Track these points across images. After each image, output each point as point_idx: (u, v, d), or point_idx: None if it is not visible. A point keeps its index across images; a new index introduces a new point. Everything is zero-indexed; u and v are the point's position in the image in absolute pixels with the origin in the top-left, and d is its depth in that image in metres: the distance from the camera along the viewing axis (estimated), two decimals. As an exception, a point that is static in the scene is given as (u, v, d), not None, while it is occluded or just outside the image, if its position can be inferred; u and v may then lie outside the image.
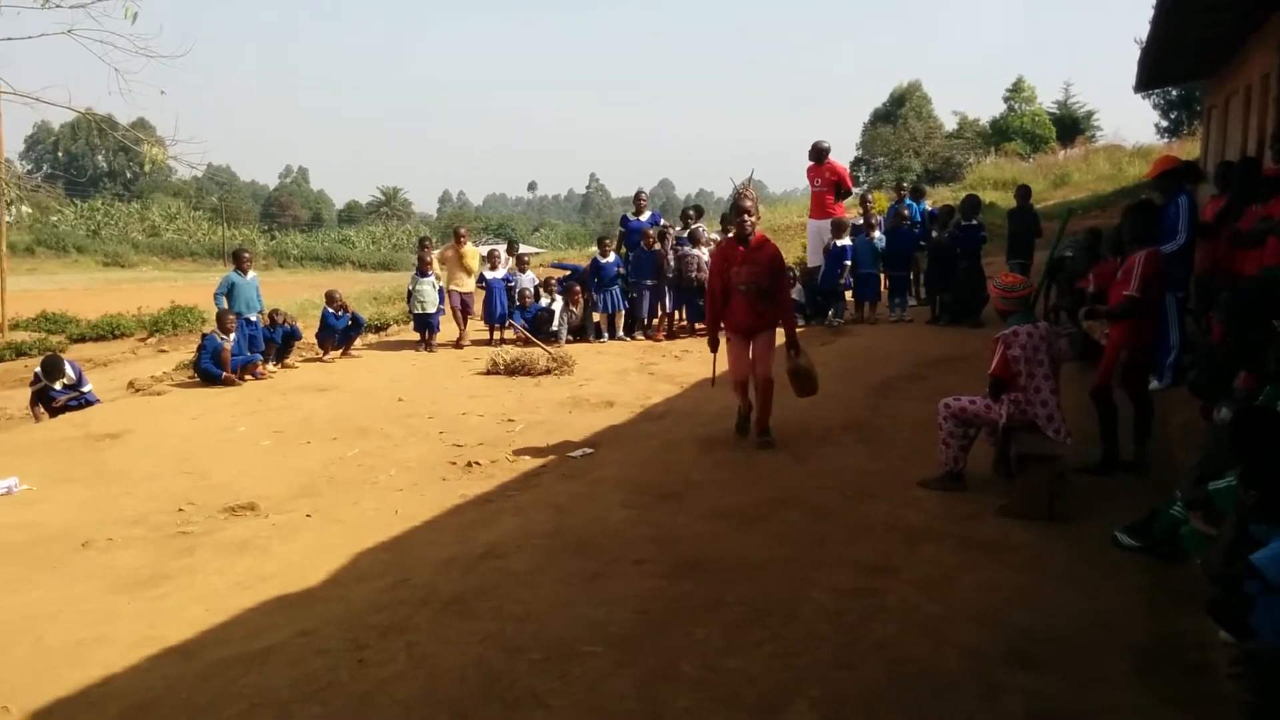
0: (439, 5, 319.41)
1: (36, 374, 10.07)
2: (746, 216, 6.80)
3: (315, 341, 12.44)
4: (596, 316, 13.13)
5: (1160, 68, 15.85)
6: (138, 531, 5.84)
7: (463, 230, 14.05)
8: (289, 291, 25.65)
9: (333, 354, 12.34)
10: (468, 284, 13.17)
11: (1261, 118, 11.25)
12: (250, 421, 8.78)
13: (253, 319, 11.58)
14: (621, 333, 13.12)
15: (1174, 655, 3.68)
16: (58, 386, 9.87)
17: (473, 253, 13.36)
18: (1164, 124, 34.53)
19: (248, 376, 10.96)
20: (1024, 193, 12.83)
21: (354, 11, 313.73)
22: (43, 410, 9.85)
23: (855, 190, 19.91)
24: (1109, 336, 6.21)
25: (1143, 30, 12.31)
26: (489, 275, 13.34)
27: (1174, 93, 31.77)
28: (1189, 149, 22.61)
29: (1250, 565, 3.22)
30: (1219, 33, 12.20)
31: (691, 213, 14.09)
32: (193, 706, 3.61)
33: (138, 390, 10.87)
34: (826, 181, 12.87)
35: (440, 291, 12.96)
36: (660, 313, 13.06)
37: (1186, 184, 7.77)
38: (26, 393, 10.41)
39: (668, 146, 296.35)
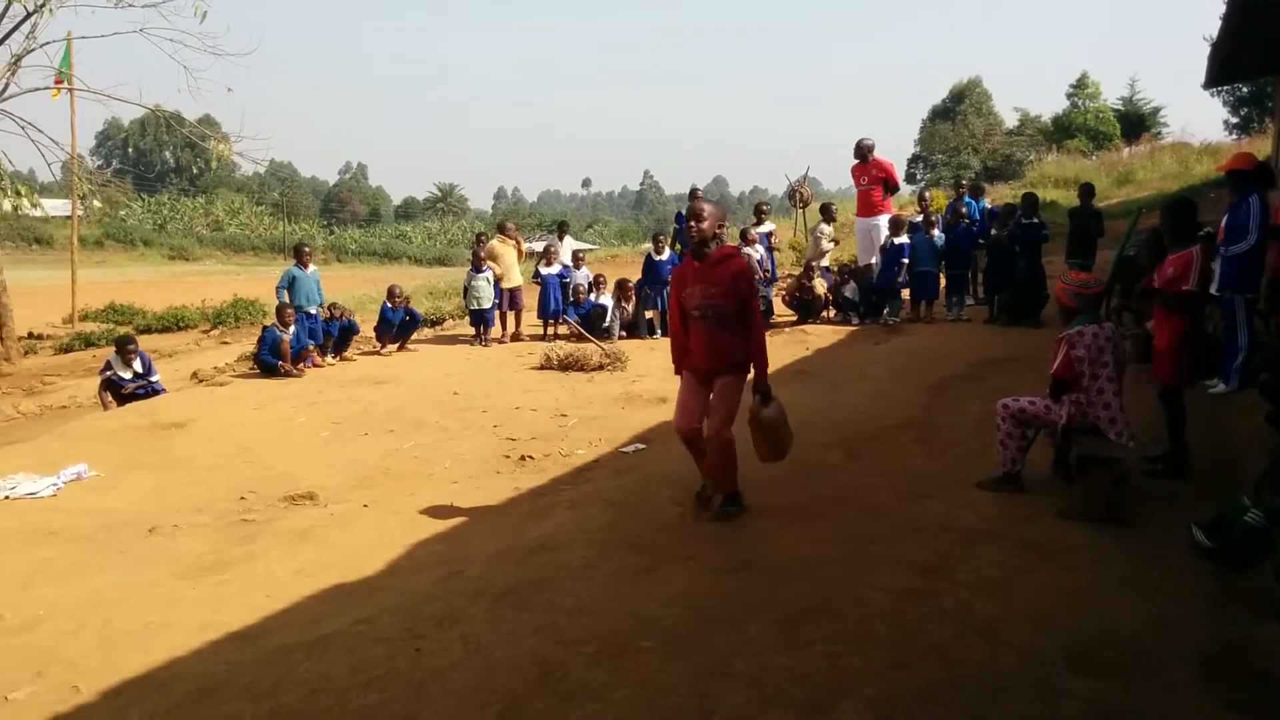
0: (497, 3, 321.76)
1: (107, 362, 10.37)
2: (694, 222, 5.24)
3: (373, 335, 12.65)
4: (649, 313, 13.15)
5: (1230, 63, 15.35)
6: (202, 519, 5.99)
7: (509, 225, 14.20)
8: (347, 286, 26.08)
9: (390, 348, 12.54)
10: (513, 279, 13.27)
11: (1338, 114, 10.88)
12: (310, 413, 8.96)
13: (313, 312, 11.81)
14: (674, 329, 13.11)
15: (1239, 662, 3.58)
16: (126, 375, 10.15)
17: (502, 249, 13.44)
18: (1233, 120, 33.59)
19: (302, 365, 11.16)
20: (1087, 191, 12.56)
21: (413, 10, 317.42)
22: (111, 398, 10.15)
23: (911, 187, 19.72)
24: (1154, 335, 6.12)
25: (1213, 26, 11.96)
26: (544, 271, 13.44)
27: (1244, 89, 30.86)
28: (1259, 146, 21.91)
29: None
30: (1294, 27, 11.81)
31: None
32: (254, 691, 3.69)
33: (201, 381, 11.16)
34: (873, 179, 12.78)
35: (496, 287, 13.09)
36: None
37: (1258, 184, 7.55)
38: (96, 382, 10.72)
39: (722, 143, 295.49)
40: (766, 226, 14.13)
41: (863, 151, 12.74)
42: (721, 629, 3.99)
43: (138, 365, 10.26)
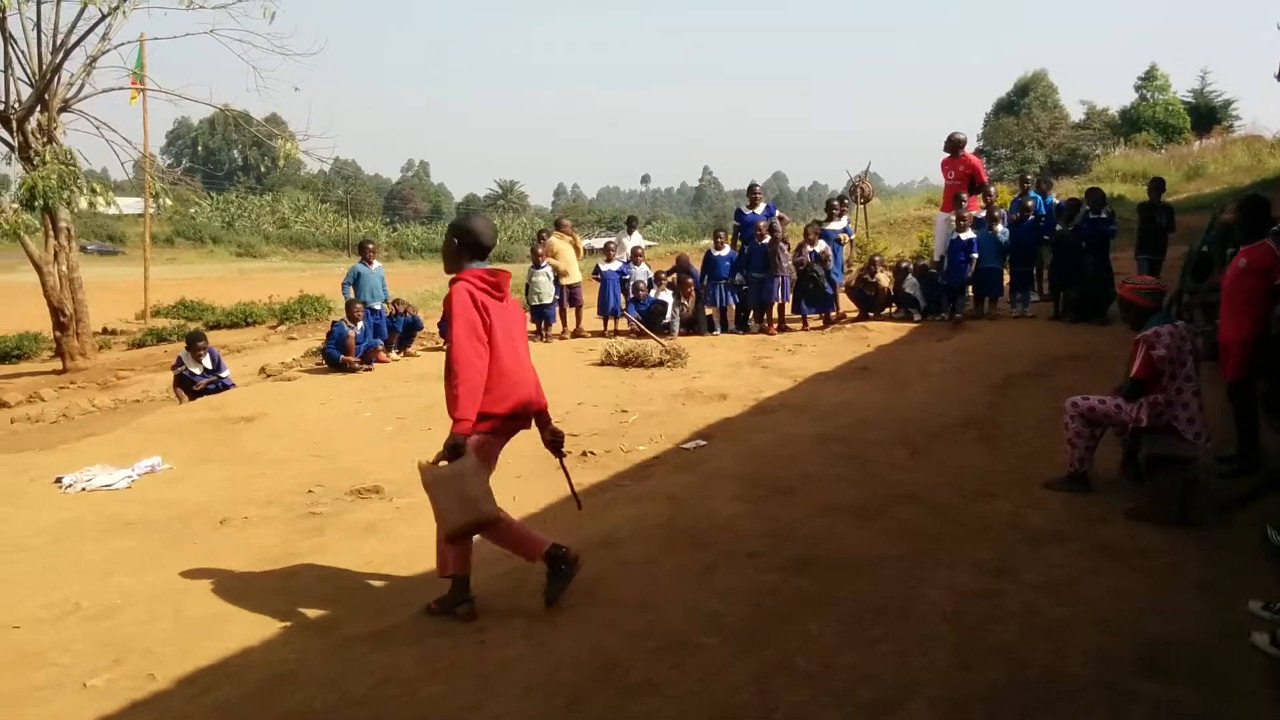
0: (553, 1, 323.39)
1: (179, 358, 10.66)
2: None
3: (437, 331, 12.83)
4: (709, 310, 13.14)
5: (1311, 50, 14.85)
6: (271, 511, 6.14)
7: (565, 221, 14.31)
8: (409, 282, 26.48)
9: (452, 344, 12.72)
10: (573, 276, 13.35)
11: None
12: (375, 408, 9.13)
13: (377, 308, 12.02)
14: (734, 326, 13.09)
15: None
16: (196, 370, 10.44)
17: (561, 245, 13.51)
18: (1312, 111, 32.46)
19: (370, 364, 11.37)
20: (1157, 185, 12.21)
21: (474, 9, 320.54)
22: (183, 393, 10.44)
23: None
24: (1223, 330, 5.96)
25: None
26: (604, 267, 13.51)
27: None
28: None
29: None
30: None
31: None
32: (324, 680, 3.78)
33: (269, 376, 11.43)
34: (961, 175, 12.60)
35: (557, 283, 13.18)
36: (773, 306, 12.96)
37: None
38: (168, 376, 11.04)
39: (782, 139, 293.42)
40: (839, 223, 13.93)
41: (954, 145, 12.59)
42: (784, 626, 3.99)
43: (208, 361, 10.54)
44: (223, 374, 10.68)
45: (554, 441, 4.75)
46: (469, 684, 3.65)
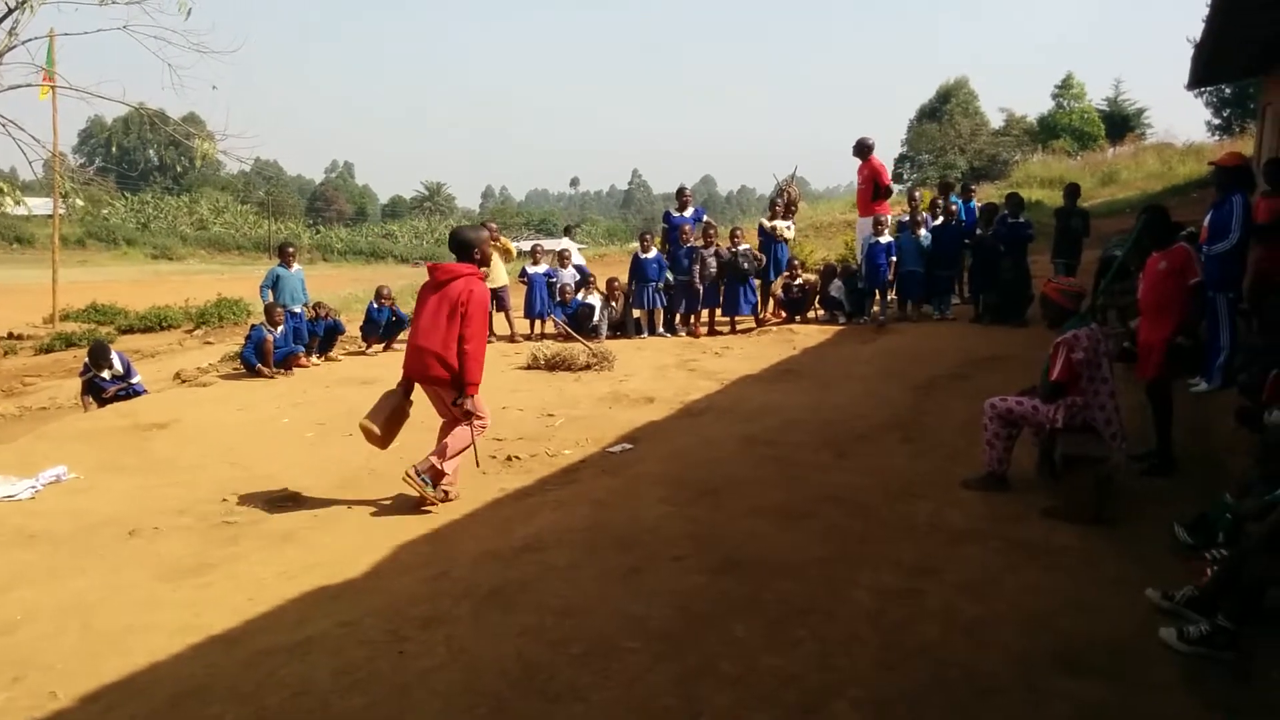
0: (484, 2, 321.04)
1: (86, 364, 10.26)
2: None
3: (359, 335, 12.58)
4: (637, 313, 13.13)
5: (1214, 65, 15.42)
6: (183, 521, 5.93)
7: (491, 224, 14.19)
8: (332, 285, 25.99)
9: (376, 348, 12.47)
10: (499, 279, 13.21)
11: (1320, 115, 10.95)
12: (294, 413, 8.89)
13: (297, 311, 11.72)
14: (662, 329, 13.10)
15: (1223, 662, 3.59)
16: (106, 376, 10.06)
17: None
18: (1216, 122, 33.82)
19: (293, 370, 11.09)
20: (1072, 191, 12.60)
21: (400, 8, 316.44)
22: (91, 400, 10.04)
23: (898, 187, 19.72)
24: (1141, 332, 6.18)
25: (1196, 28, 12.02)
26: (530, 270, 13.40)
27: (1227, 90, 31.07)
28: (1241, 148, 22.04)
29: None
30: (1275, 30, 11.87)
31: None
32: (237, 694, 3.64)
33: (184, 381, 11.06)
34: (866, 179, 12.83)
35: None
36: (701, 309, 13.01)
37: (1242, 184, 7.60)
38: (76, 383, 10.61)
39: (710, 143, 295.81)
40: (783, 222, 13.84)
41: (860, 149, 12.79)
42: (709, 629, 3.98)
43: (118, 366, 10.16)
44: (133, 380, 10.30)
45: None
46: (388, 695, 3.57)
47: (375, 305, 12.42)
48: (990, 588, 4.34)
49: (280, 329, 11.11)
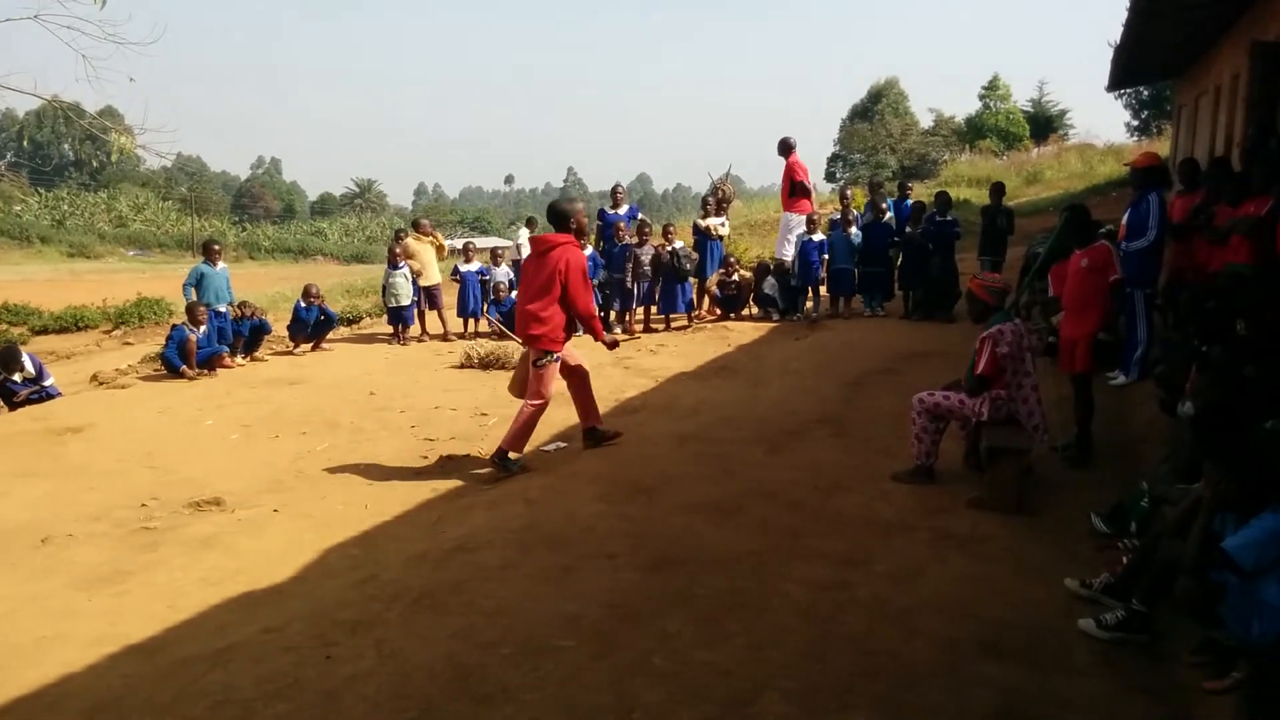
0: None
1: (-6, 366, 9.86)
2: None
3: (286, 334, 12.31)
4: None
5: (1132, 67, 15.97)
6: (99, 527, 5.74)
7: (423, 221, 14.02)
8: (259, 283, 25.42)
9: (303, 347, 12.22)
10: (431, 277, 13.05)
11: (1230, 118, 11.35)
12: (218, 415, 8.66)
13: (222, 310, 11.43)
14: (596, 327, 13.05)
15: (1140, 644, 3.70)
16: (17, 379, 9.68)
17: (419, 246, 13.21)
18: (1134, 123, 34.91)
19: (217, 371, 10.81)
20: (998, 190, 12.87)
21: (329, 1, 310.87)
22: (2, 404, 9.66)
23: (832, 185, 19.98)
24: (1064, 328, 6.35)
25: (1117, 31, 12.40)
26: (463, 268, 13.26)
27: (1145, 92, 32.09)
28: (1158, 148, 22.82)
29: (1224, 553, 3.25)
30: (1191, 33, 12.31)
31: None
32: (155, 705, 3.54)
33: (101, 383, 10.69)
34: (785, 176, 13.03)
35: (415, 284, 12.86)
36: (636, 307, 12.99)
37: (1158, 183, 7.85)
38: (-14, 386, 10.20)
39: (646, 141, 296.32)
40: (716, 219, 13.89)
41: (780, 148, 12.92)
42: (642, 626, 3.98)
43: (30, 369, 9.79)
44: (46, 382, 9.93)
45: None
46: (314, 701, 3.49)
47: (303, 304, 12.17)
48: (917, 578, 4.41)
49: (203, 328, 10.81)
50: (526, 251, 14.63)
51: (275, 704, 3.47)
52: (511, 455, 6.46)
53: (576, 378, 6.84)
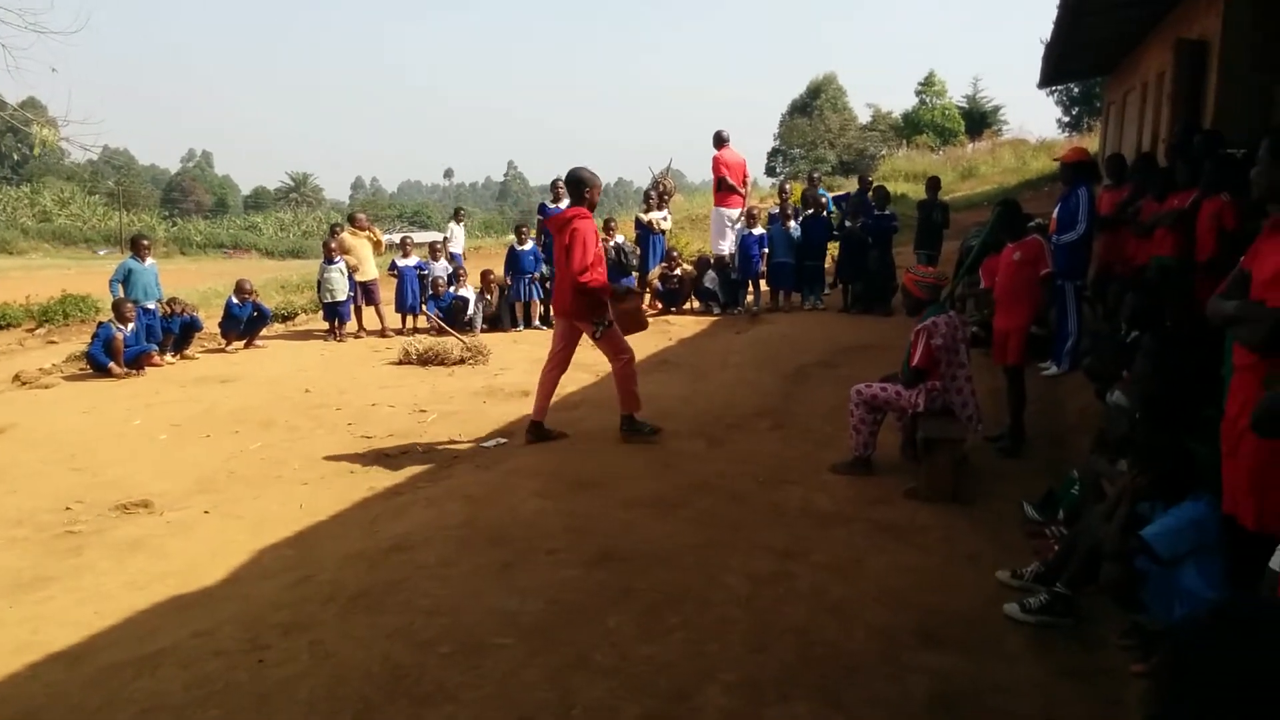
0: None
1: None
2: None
3: (218, 331, 12.02)
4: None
5: (1063, 64, 16.34)
6: (21, 532, 5.54)
7: (359, 215, 13.82)
8: (190, 279, 24.79)
9: (236, 344, 11.94)
10: (368, 272, 12.83)
11: (1156, 114, 11.67)
12: (146, 415, 8.42)
13: (151, 308, 11.12)
14: (538, 322, 12.99)
15: (1070, 630, 3.79)
16: (-63, 379, 9.33)
17: (354, 241, 12.99)
18: (1065, 119, 35.74)
19: (145, 369, 10.51)
20: (933, 184, 13.09)
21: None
22: (-80, 405, 9.29)
23: (772, 180, 20.08)
24: (998, 320, 6.47)
25: (1048, 28, 12.67)
26: (400, 263, 13.08)
27: (1075, 89, 32.87)
28: (1089, 143, 23.38)
29: (1142, 540, 3.34)
30: (1119, 31, 12.63)
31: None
32: (80, 714, 3.42)
33: (24, 383, 10.32)
34: (714, 171, 13.15)
35: (351, 280, 12.64)
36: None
37: (1087, 178, 8.03)
38: (-99, 387, 9.80)
39: (588, 135, 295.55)
40: (658, 214, 13.87)
41: (713, 141, 13.00)
42: (582, 622, 3.95)
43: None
44: (-33, 382, 9.58)
45: None
46: (245, 705, 3.40)
47: (236, 300, 11.89)
48: (856, 568, 4.45)
49: (131, 326, 10.51)
50: (456, 244, 14.58)
51: (205, 709, 3.38)
52: (637, 417, 6.74)
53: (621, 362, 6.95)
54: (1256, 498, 3.01)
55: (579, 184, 6.71)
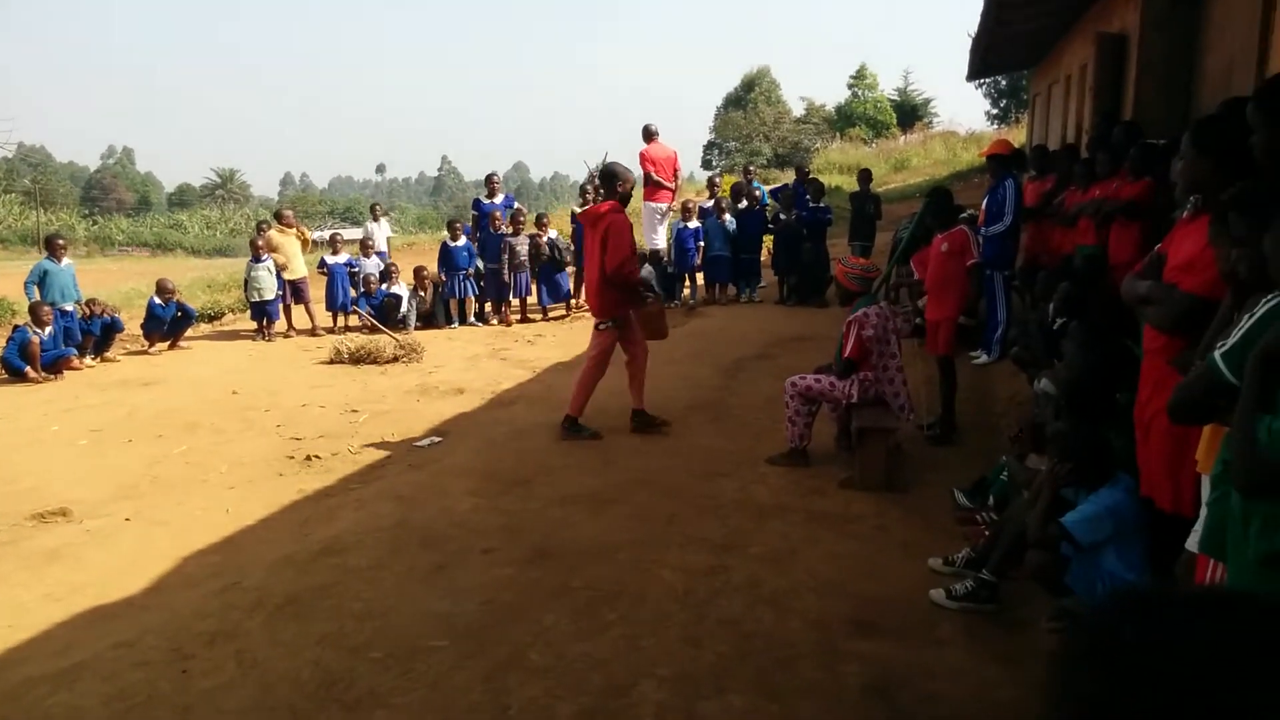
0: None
1: None
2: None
3: (140, 333, 11.64)
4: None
5: (990, 58, 16.64)
6: (-70, 544, 5.30)
7: (286, 212, 13.53)
8: (112, 280, 23.97)
9: (160, 346, 11.59)
10: (296, 270, 12.54)
11: (1080, 106, 11.95)
12: (65, 420, 8.13)
13: (68, 309, 10.71)
14: (473, 318, 12.86)
15: (999, 616, 3.84)
16: None
17: (282, 239, 12.70)
18: (994, 111, 36.40)
19: (64, 373, 10.15)
20: (864, 176, 13.25)
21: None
22: None
23: (707, 173, 20.08)
24: (926, 307, 6.57)
25: (975, 22, 12.88)
26: (330, 260, 12.81)
27: (1003, 82, 33.48)
28: (1015, 135, 23.88)
29: (1062, 528, 3.41)
30: (1043, 25, 12.90)
31: None
32: (-8, 732, 3.29)
33: (-65, 390, 9.90)
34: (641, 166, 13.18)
35: (279, 278, 12.34)
36: (513, 297, 12.84)
37: (1013, 169, 8.18)
38: None
39: (524, 129, 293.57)
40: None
41: (642, 135, 13.01)
42: (518, 621, 3.92)
43: None
44: (-128, 389, 9.15)
45: None
46: (168, 718, 3.30)
47: (158, 301, 11.52)
48: (792, 558, 4.47)
49: (48, 329, 10.13)
50: (378, 240, 14.27)
51: (126, 723, 3.27)
52: (649, 411, 6.84)
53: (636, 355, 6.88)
54: (1171, 480, 3.08)
55: (611, 178, 6.79)
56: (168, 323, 11.57)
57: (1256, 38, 6.12)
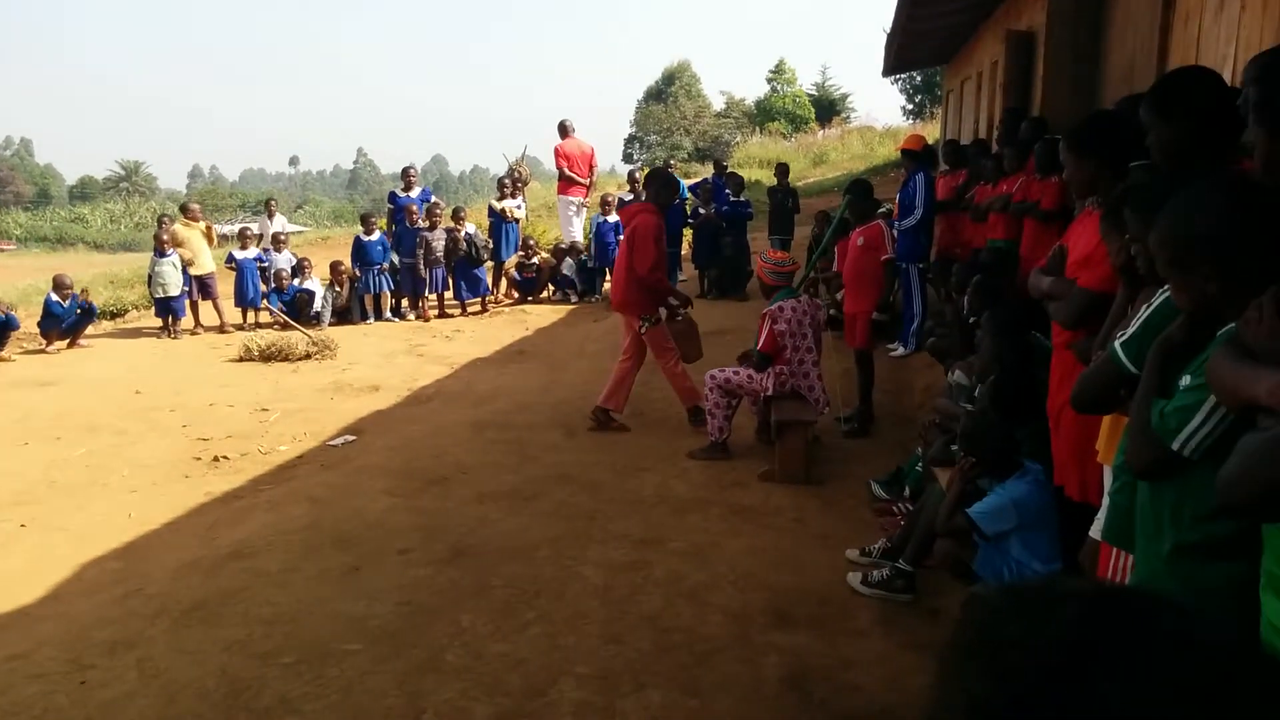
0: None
1: None
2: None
3: (37, 331, 11.13)
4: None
5: (904, 54, 16.92)
6: None
7: (192, 206, 13.10)
8: (8, 275, 22.93)
9: (58, 344, 11.09)
10: (203, 265, 12.12)
11: (991, 102, 12.23)
12: (-46, 423, 7.72)
13: (-42, 307, 10.20)
14: (389, 314, 12.61)
15: (914, 604, 3.91)
16: None
17: (187, 233, 12.28)
18: (909, 107, 37.14)
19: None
20: (782, 170, 13.38)
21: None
22: None
23: (629, 166, 20.07)
24: (846, 301, 6.67)
25: (889, 18, 13.11)
26: (239, 255, 12.40)
27: (918, 78, 34.17)
28: (930, 130, 24.38)
29: (968, 518, 3.48)
30: (955, 21, 13.17)
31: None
32: None
33: None
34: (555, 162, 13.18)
35: (185, 274, 11.91)
36: (430, 292, 12.63)
37: (926, 164, 8.34)
38: None
39: (442, 121, 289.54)
40: (511, 201, 13.63)
41: (557, 130, 12.94)
42: (434, 622, 3.85)
43: None
44: None
45: None
46: (64, 734, 3.15)
47: (55, 297, 11.02)
48: (711, 552, 4.48)
49: (-64, 328, 9.63)
50: (268, 236, 13.87)
51: (19, 740, 3.11)
52: (703, 406, 6.39)
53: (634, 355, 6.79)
54: (1077, 469, 3.16)
55: (657, 182, 6.90)
56: (66, 320, 11.08)
57: (1156, 37, 6.32)
